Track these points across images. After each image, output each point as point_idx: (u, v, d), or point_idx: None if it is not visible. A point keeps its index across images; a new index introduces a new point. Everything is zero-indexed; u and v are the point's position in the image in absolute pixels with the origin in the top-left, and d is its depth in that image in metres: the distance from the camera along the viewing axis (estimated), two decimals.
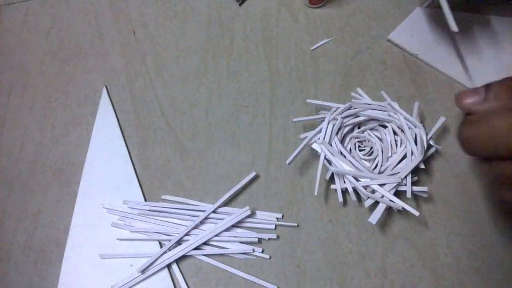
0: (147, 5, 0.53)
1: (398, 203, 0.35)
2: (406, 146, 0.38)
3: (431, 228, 0.38)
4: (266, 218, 0.40)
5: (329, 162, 0.38)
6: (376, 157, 0.38)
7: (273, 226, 0.39)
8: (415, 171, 0.37)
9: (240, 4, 0.51)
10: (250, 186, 0.42)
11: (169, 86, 0.47)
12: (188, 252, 0.39)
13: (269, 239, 0.39)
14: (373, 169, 0.38)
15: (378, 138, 0.40)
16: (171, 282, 0.38)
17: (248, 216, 0.39)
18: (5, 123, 0.48)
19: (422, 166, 0.37)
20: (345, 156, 0.38)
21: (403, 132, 0.38)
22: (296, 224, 0.39)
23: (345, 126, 0.40)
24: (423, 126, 0.38)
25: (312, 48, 0.47)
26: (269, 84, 0.46)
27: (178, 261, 0.39)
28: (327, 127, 0.39)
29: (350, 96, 0.43)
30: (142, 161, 0.44)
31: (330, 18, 0.49)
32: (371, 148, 0.39)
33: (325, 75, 0.46)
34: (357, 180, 0.36)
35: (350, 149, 0.40)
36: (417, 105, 0.39)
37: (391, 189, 0.35)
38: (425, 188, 0.36)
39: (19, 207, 0.43)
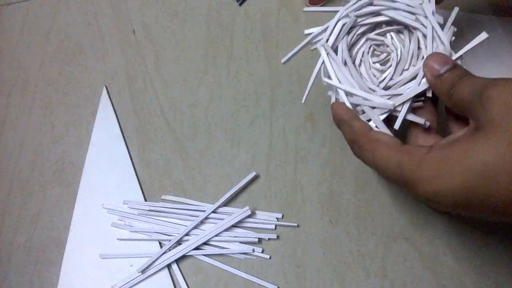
0: (147, 5, 0.53)
1: (384, 131, 0.29)
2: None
3: (431, 228, 0.38)
4: (266, 218, 0.40)
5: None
6: (390, 67, 0.32)
7: (273, 226, 0.39)
8: (422, 96, 0.30)
9: (240, 4, 0.51)
10: (250, 186, 0.42)
11: (169, 86, 0.47)
12: (188, 252, 0.39)
13: (269, 239, 0.39)
14: (381, 81, 0.32)
15: (401, 44, 0.33)
16: (171, 282, 0.38)
17: (248, 216, 0.39)
18: (5, 123, 0.48)
19: (429, 95, 0.29)
20: (346, 64, 0.32)
21: (426, 46, 0.31)
22: (296, 224, 0.39)
23: (361, 26, 0.33)
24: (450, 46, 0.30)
25: (312, 48, 0.47)
26: (269, 84, 0.46)
27: (178, 261, 0.39)
28: (335, 25, 0.33)
29: None
30: (142, 161, 0.44)
31: (330, 18, 0.49)
32: (388, 55, 0.33)
33: None
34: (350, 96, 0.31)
35: (363, 53, 0.33)
36: (455, 11, 0.31)
37: (382, 113, 0.30)
38: (422, 120, 0.29)
39: (19, 207, 0.43)
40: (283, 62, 0.35)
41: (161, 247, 0.40)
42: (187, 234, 0.39)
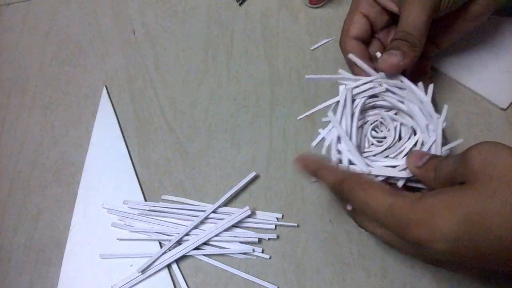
0: (147, 5, 0.53)
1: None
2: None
3: None
4: (266, 218, 0.40)
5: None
6: (382, 146, 0.34)
7: (273, 226, 0.39)
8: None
9: (240, 4, 0.51)
10: (250, 186, 0.42)
11: (169, 86, 0.47)
12: (188, 252, 0.39)
13: (269, 239, 0.39)
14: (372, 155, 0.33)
15: (397, 133, 0.34)
16: (171, 282, 0.38)
17: (248, 216, 0.39)
18: (5, 123, 0.48)
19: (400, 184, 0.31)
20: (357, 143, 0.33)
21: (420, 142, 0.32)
22: (296, 224, 0.39)
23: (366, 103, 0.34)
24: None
25: (312, 48, 0.47)
26: (269, 84, 0.46)
27: (178, 261, 0.39)
28: (345, 100, 0.33)
29: None
30: (142, 161, 0.44)
31: (330, 18, 0.49)
32: (384, 137, 0.34)
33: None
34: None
35: (365, 127, 0.35)
36: (445, 109, 0.32)
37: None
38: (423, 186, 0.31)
39: (19, 207, 0.43)
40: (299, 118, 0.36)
41: (161, 247, 0.40)
42: (187, 234, 0.39)
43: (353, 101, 0.34)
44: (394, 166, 0.31)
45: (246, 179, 0.41)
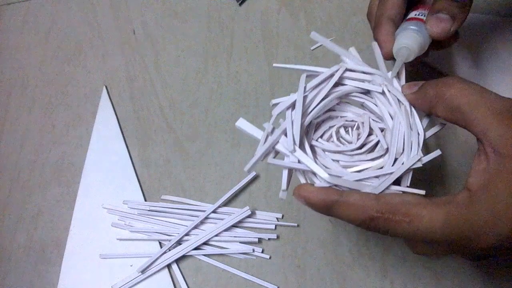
0: (147, 5, 0.53)
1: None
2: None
3: None
4: (266, 218, 0.40)
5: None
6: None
7: (273, 226, 0.39)
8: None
9: (240, 4, 0.51)
10: (250, 186, 0.42)
11: (169, 86, 0.47)
12: (188, 252, 0.39)
13: (269, 239, 0.39)
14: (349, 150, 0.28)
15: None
16: (171, 282, 0.38)
17: (248, 216, 0.39)
18: (5, 123, 0.48)
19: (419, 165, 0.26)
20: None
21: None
22: (296, 224, 0.39)
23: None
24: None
25: (312, 48, 0.47)
26: (269, 84, 0.46)
27: (178, 261, 0.39)
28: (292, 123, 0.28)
29: None
30: (142, 161, 0.44)
31: (330, 18, 0.49)
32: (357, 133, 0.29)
33: None
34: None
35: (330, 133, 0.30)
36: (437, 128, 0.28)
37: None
38: (422, 192, 0.25)
39: (19, 207, 0.43)
40: (246, 170, 0.29)
41: (161, 247, 0.40)
42: (187, 234, 0.39)
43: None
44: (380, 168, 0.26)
45: (246, 179, 0.41)
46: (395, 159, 0.26)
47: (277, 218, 0.40)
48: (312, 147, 0.29)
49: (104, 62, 0.50)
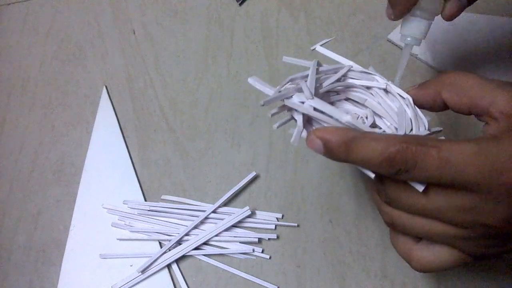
0: (147, 5, 0.53)
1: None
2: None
3: None
4: (266, 218, 0.40)
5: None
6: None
7: (273, 226, 0.39)
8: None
9: (240, 4, 0.51)
10: (250, 186, 0.42)
11: (169, 86, 0.47)
12: (188, 252, 0.39)
13: (269, 239, 0.39)
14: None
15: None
16: (171, 282, 0.38)
17: (248, 216, 0.39)
18: (5, 123, 0.48)
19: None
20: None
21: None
22: (296, 224, 0.39)
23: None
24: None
25: (312, 48, 0.47)
26: (269, 84, 0.46)
27: (178, 261, 0.39)
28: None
29: None
30: (142, 161, 0.44)
31: (330, 18, 0.49)
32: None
33: None
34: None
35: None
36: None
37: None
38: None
39: (19, 207, 0.43)
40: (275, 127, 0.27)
41: (161, 247, 0.40)
42: (187, 234, 0.39)
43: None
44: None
45: (246, 179, 0.41)
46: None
47: (277, 218, 0.40)
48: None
49: (104, 62, 0.50)
